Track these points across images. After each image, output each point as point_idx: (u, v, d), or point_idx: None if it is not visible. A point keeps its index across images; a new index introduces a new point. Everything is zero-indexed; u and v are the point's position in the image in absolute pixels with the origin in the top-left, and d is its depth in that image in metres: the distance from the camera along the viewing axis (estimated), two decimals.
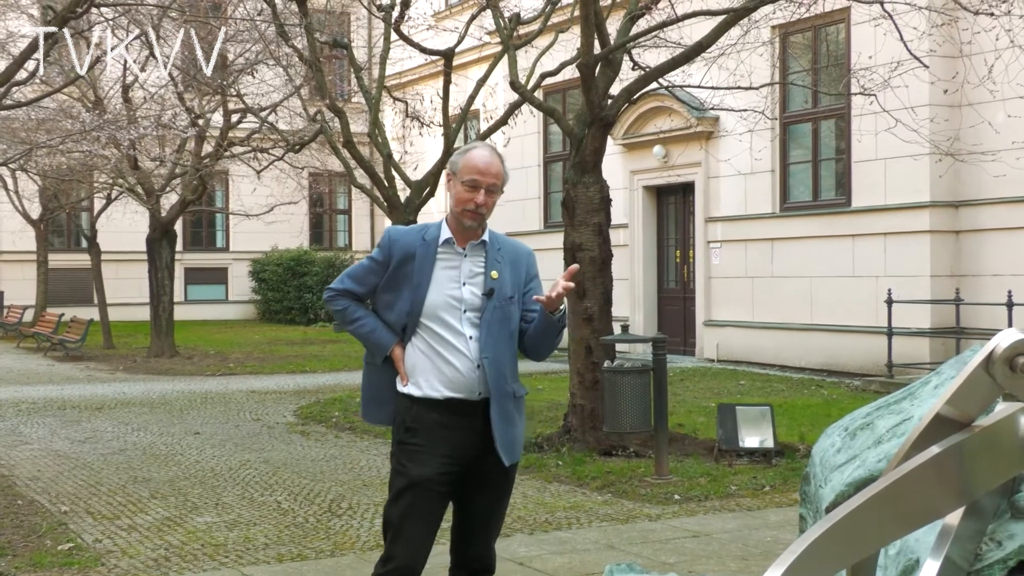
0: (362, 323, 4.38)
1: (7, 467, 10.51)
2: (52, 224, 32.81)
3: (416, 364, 4.29)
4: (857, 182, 17.23)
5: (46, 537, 7.71)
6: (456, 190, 4.30)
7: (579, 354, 10.94)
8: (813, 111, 18.23)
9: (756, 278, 18.94)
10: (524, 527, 7.88)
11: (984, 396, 3.38)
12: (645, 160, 20.87)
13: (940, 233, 16.23)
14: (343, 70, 28.15)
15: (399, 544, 4.24)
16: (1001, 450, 3.53)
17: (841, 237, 17.46)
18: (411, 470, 4.23)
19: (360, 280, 4.43)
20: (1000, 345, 3.18)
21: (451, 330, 4.27)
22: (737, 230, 19.34)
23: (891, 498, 3.21)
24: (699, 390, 15.99)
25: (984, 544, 3.93)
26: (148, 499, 9.02)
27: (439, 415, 4.24)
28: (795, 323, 18.16)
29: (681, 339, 20.80)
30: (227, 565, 6.94)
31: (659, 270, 21.43)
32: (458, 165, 4.32)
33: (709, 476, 9.55)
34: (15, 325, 27.78)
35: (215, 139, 21.78)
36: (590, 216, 10.92)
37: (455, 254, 4.32)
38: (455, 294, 4.28)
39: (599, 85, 10.84)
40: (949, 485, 3.38)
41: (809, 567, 3.01)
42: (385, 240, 4.42)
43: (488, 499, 4.38)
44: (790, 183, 18.64)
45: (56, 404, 15.41)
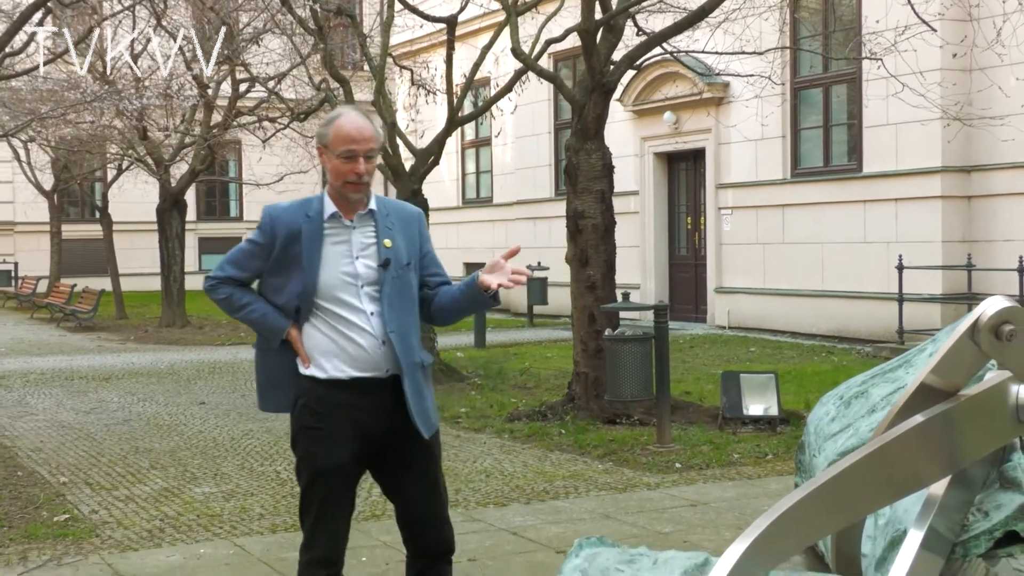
0: (251, 309, 4.15)
1: (10, 438, 10.53)
2: (65, 195, 32.90)
3: (318, 345, 4.08)
4: (868, 147, 17.06)
5: (43, 508, 7.71)
6: (333, 164, 4.04)
7: (583, 322, 10.88)
8: (824, 76, 18.04)
9: (767, 244, 18.81)
10: (521, 496, 7.85)
11: (970, 365, 3.32)
12: (656, 126, 20.72)
13: (952, 198, 16.06)
14: (353, 39, 27.99)
15: (319, 534, 4.10)
16: (990, 419, 3.46)
17: (852, 203, 17.30)
18: (321, 457, 4.06)
19: (242, 265, 4.18)
20: (986, 313, 3.11)
21: (350, 308, 4.05)
22: (748, 196, 19.20)
23: (872, 467, 3.16)
24: (708, 357, 15.93)
25: (971, 515, 3.87)
26: (148, 470, 9.02)
27: (346, 396, 4.05)
28: (806, 290, 18.04)
29: (693, 306, 20.71)
30: (220, 536, 6.93)
31: (670, 237, 21.31)
32: (328, 137, 4.05)
33: (712, 444, 9.50)
34: (28, 296, 27.87)
35: (223, 109, 21.72)
36: (592, 183, 10.83)
37: (343, 228, 4.09)
38: (348, 270, 4.06)
39: (601, 51, 10.72)
40: (934, 454, 3.33)
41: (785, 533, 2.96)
42: (266, 220, 4.14)
43: (419, 478, 4.18)
44: (801, 149, 18.47)
45: (64, 375, 15.45)
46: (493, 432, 10.48)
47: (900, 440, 3.14)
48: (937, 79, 14.85)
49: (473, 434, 10.46)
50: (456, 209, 27.93)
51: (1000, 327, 3.04)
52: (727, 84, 18.77)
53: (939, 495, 3.58)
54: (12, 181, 32.46)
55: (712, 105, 19.45)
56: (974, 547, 3.77)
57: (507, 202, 25.50)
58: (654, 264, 21.14)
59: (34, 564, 6.35)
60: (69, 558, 6.46)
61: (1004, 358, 3.10)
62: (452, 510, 7.37)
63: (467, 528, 6.96)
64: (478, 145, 27.40)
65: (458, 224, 27.76)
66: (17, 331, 23.01)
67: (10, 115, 19.39)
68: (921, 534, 3.53)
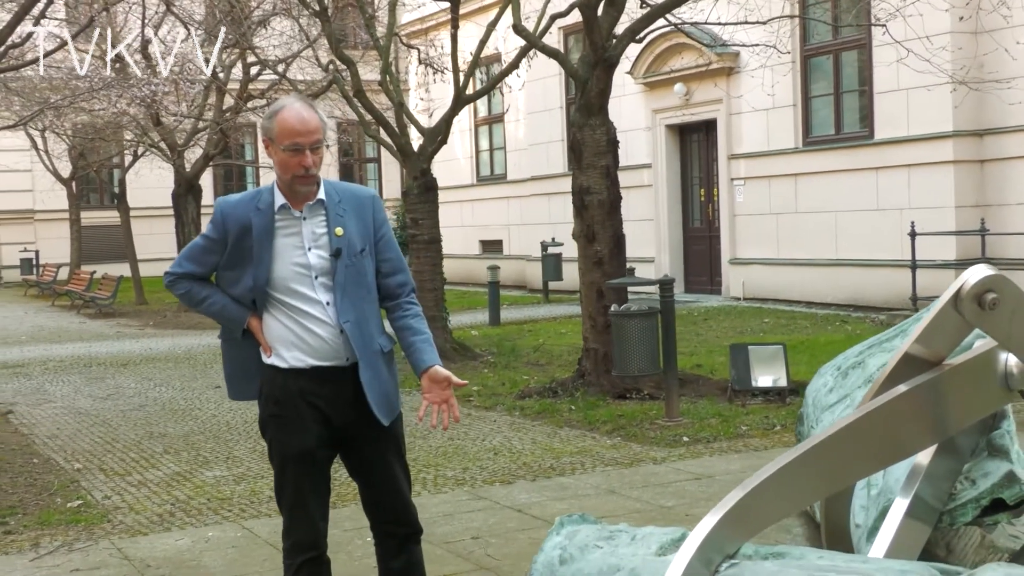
0: (210, 302, 4.18)
1: (28, 426, 10.64)
2: (84, 182, 33.07)
3: (277, 336, 4.10)
4: (879, 114, 16.98)
5: (57, 495, 7.81)
6: (279, 158, 3.99)
7: (591, 298, 10.91)
8: (833, 43, 17.94)
9: (780, 214, 18.77)
10: (528, 473, 7.89)
11: (954, 334, 3.34)
12: (667, 99, 20.66)
13: (964, 163, 15.99)
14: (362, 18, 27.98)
15: (296, 519, 4.14)
16: (977, 387, 3.49)
17: (864, 170, 17.24)
18: (290, 443, 4.10)
19: (198, 261, 4.21)
20: (968, 282, 3.13)
21: (305, 299, 4.06)
22: (760, 166, 19.14)
23: (853, 437, 3.19)
24: (722, 329, 15.93)
25: (959, 483, 3.90)
26: (161, 454, 9.11)
27: (307, 384, 4.07)
28: (820, 259, 18.00)
29: (708, 278, 20.71)
30: (229, 519, 7.01)
31: (684, 209, 21.27)
32: (273, 131, 3.99)
33: (720, 417, 9.53)
34: (49, 284, 28.05)
35: (236, 93, 21.77)
36: (597, 159, 10.83)
37: (293, 219, 4.07)
38: (301, 262, 4.06)
39: (603, 26, 10.70)
40: (918, 423, 3.35)
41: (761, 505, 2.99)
42: (217, 215, 4.14)
43: (379, 461, 4.21)
44: (812, 117, 18.40)
45: (83, 361, 15.59)
46: (504, 410, 10.54)
47: (882, 410, 3.16)
48: (946, 43, 14.76)
49: (484, 412, 10.51)
50: (471, 187, 27.93)
51: (983, 295, 3.05)
52: (737, 54, 18.70)
53: (924, 464, 3.61)
54: (31, 170, 32.62)
55: (722, 75, 19.38)
56: (961, 515, 3.80)
57: (521, 178, 25.50)
58: (668, 237, 21.11)
59: (45, 550, 6.44)
60: (80, 543, 6.55)
61: (987, 326, 3.11)
62: (458, 488, 7.50)
63: (472, 506, 7.03)
64: (491, 122, 27.37)
65: (473, 202, 27.77)
66: (38, 319, 23.19)
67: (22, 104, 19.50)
68: (907, 502, 3.57)
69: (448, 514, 6.87)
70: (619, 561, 3.12)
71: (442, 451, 8.79)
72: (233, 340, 4.23)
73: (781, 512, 3.12)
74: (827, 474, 3.19)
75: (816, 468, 3.15)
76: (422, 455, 8.63)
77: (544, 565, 3.26)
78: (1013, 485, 3.76)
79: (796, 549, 2.95)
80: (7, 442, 9.77)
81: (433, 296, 13.86)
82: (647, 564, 3.03)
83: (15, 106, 20.05)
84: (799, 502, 3.18)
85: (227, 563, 6.09)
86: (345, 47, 24.09)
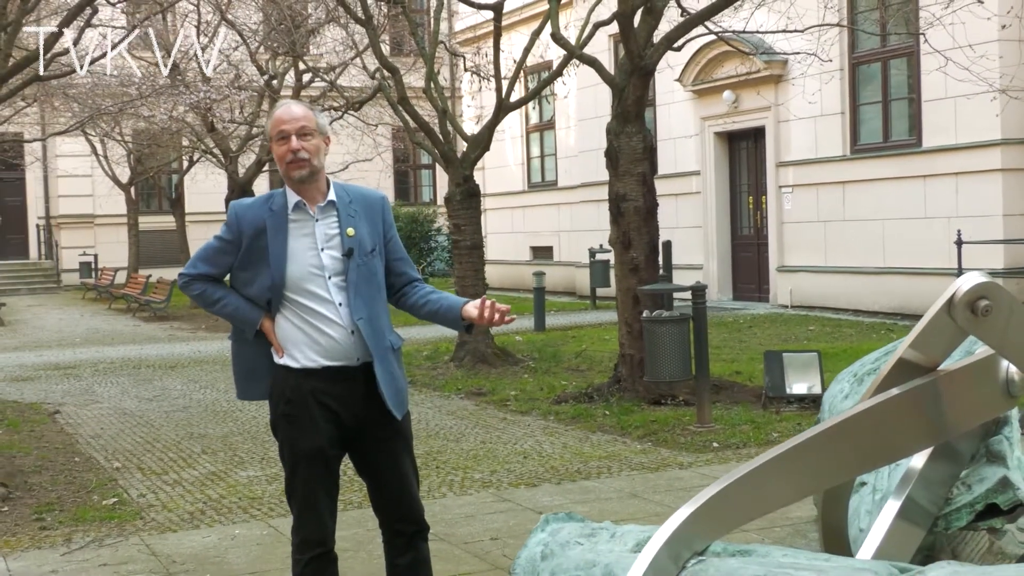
0: (224, 302, 4.25)
1: (73, 425, 10.89)
2: (142, 187, 33.58)
3: (289, 336, 4.19)
4: (927, 122, 16.88)
5: (94, 492, 8.01)
6: (275, 152, 4.19)
7: (627, 304, 10.97)
8: (882, 50, 17.86)
9: (828, 222, 18.70)
10: (554, 477, 7.98)
11: (948, 340, 3.38)
12: (715, 106, 20.66)
13: (1013, 171, 15.86)
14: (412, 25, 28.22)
15: (306, 516, 4.25)
16: (977, 393, 3.52)
17: (912, 178, 17.14)
18: (301, 442, 4.20)
19: (212, 262, 4.28)
20: (961, 288, 3.19)
21: (318, 299, 4.16)
22: (808, 174, 19.08)
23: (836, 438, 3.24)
24: (766, 336, 15.90)
25: (955, 488, 3.94)
26: (199, 454, 9.30)
27: (319, 384, 4.17)
28: (867, 267, 17.92)
29: (756, 285, 20.66)
30: (257, 517, 7.16)
31: (732, 217, 21.24)
32: (267, 129, 4.24)
33: (753, 424, 9.55)
34: (107, 287, 28.53)
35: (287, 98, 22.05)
36: (633, 166, 10.90)
37: (307, 218, 4.18)
38: (315, 262, 4.16)
39: (640, 34, 10.76)
40: (909, 427, 3.40)
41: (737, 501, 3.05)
42: (232, 217, 4.24)
43: (389, 459, 4.30)
44: (860, 125, 18.32)
45: (133, 363, 15.88)
46: (539, 414, 10.63)
47: (868, 413, 3.22)
48: (990, 51, 14.67)
49: (519, 416, 10.61)
50: (522, 193, 28.04)
51: (976, 302, 3.09)
52: (785, 62, 18.66)
53: (918, 468, 3.65)
54: (91, 175, 33.18)
55: (771, 83, 19.35)
56: (956, 520, 3.84)
57: (571, 185, 25.56)
58: (716, 244, 21.10)
59: (76, 545, 6.63)
60: (111, 540, 6.73)
61: (981, 333, 3.15)
62: (484, 491, 7.59)
63: (495, 508, 7.13)
64: (542, 129, 27.48)
65: (524, 208, 27.88)
66: (94, 321, 23.61)
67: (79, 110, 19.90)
68: (898, 504, 3.61)
69: (470, 515, 6.98)
70: (596, 557, 3.20)
71: (472, 454, 8.90)
72: (243, 341, 4.32)
73: (755, 511, 3.15)
74: (806, 475, 3.23)
75: (798, 467, 3.19)
76: (452, 457, 8.75)
77: (527, 560, 3.35)
78: (1007, 490, 3.79)
79: (763, 548, 3.02)
80: (52, 441, 10.02)
81: None
82: (621, 559, 3.10)
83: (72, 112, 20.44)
84: (774, 502, 3.20)
85: (250, 560, 6.24)
86: (399, 54, 24.38)
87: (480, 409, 11.14)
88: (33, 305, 28.20)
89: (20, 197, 35.20)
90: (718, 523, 3.09)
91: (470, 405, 11.41)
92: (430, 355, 14.99)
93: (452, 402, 11.66)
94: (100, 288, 29.36)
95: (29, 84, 10.78)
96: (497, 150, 26.31)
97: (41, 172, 33.86)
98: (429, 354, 15.09)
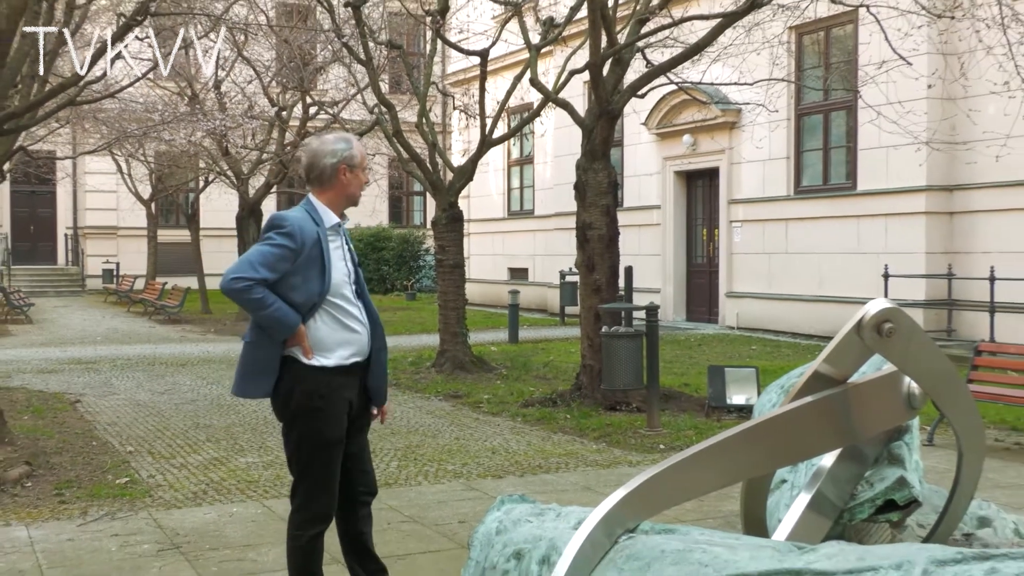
0: (276, 307, 4.19)
1: (92, 414, 10.94)
2: (162, 203, 33.59)
3: (327, 337, 4.28)
4: (862, 168, 17.12)
5: (109, 473, 8.08)
6: (356, 179, 4.41)
7: (589, 320, 11.11)
8: (824, 103, 18.10)
9: (772, 254, 18.91)
10: (518, 470, 8.10)
11: (856, 357, 3.52)
12: (676, 148, 20.86)
13: (935, 214, 16.09)
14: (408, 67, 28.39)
15: (320, 495, 4.37)
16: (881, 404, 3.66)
17: (847, 218, 17.37)
18: (327, 432, 4.31)
19: (273, 267, 4.19)
20: (869, 312, 3.33)
21: (349, 302, 4.35)
22: (756, 211, 19.29)
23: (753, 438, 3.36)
24: (714, 353, 16.05)
25: (860, 486, 4.08)
26: (204, 442, 9.37)
27: (344, 379, 4.32)
28: (806, 295, 18.12)
29: (707, 308, 20.83)
30: (253, 498, 7.25)
31: (688, 247, 21.42)
32: (356, 159, 4.38)
33: (696, 429, 9.68)
34: (126, 292, 28.51)
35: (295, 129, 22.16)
36: (599, 198, 11.05)
37: (337, 234, 4.37)
38: (344, 270, 4.36)
39: (608, 82, 10.94)
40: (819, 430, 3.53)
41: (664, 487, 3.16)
42: (295, 229, 4.22)
43: (363, 438, 4.56)
44: (803, 169, 18.55)
45: (147, 360, 15.92)
46: (508, 416, 10.74)
47: (783, 417, 3.35)
48: (922, 108, 14.92)
49: (491, 417, 10.72)
50: (502, 220, 28.18)
51: (881, 325, 3.23)
52: (738, 111, 18.88)
53: (827, 466, 3.78)
54: (116, 191, 33.17)
55: (725, 129, 19.57)
56: (859, 512, 3.98)
57: (546, 214, 25.72)
58: (673, 270, 21.27)
59: (92, 517, 6.72)
60: (122, 513, 6.82)
61: (885, 352, 3.29)
62: (455, 480, 7.70)
63: (464, 496, 7.24)
64: (522, 163, 27.64)
65: (503, 233, 28.02)
66: (114, 322, 23.59)
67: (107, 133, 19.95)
68: (809, 497, 3.74)
69: (442, 501, 7.09)
70: (543, 532, 3.32)
71: (447, 448, 9.01)
72: (263, 344, 4.29)
73: (679, 497, 3.26)
74: (728, 467, 3.35)
75: (716, 462, 3.30)
76: (429, 451, 8.86)
77: (483, 535, 3.48)
78: (903, 488, 3.93)
79: (685, 527, 3.15)
80: (72, 427, 10.07)
81: (455, 314, 14.11)
82: (562, 534, 3.22)
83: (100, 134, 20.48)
84: (695, 490, 3.31)
85: (245, 534, 6.34)
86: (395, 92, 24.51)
87: (456, 410, 11.24)
88: (59, 306, 28.15)
89: (51, 209, 35.15)
90: (648, 505, 3.20)
91: (447, 406, 11.51)
92: (414, 361, 15.08)
93: (431, 403, 11.77)
94: (120, 293, 29.33)
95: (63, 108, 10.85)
96: (481, 180, 26.49)
97: (71, 187, 33.84)
98: (413, 360, 15.19)
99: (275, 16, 21.96)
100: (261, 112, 21.97)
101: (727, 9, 11.45)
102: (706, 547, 2.86)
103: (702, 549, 2.85)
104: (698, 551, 2.80)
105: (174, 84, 22.06)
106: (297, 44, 19.44)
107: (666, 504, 3.23)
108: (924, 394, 3.39)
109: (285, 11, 23.73)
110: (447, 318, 14.20)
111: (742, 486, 3.62)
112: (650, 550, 2.86)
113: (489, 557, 3.35)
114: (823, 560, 2.67)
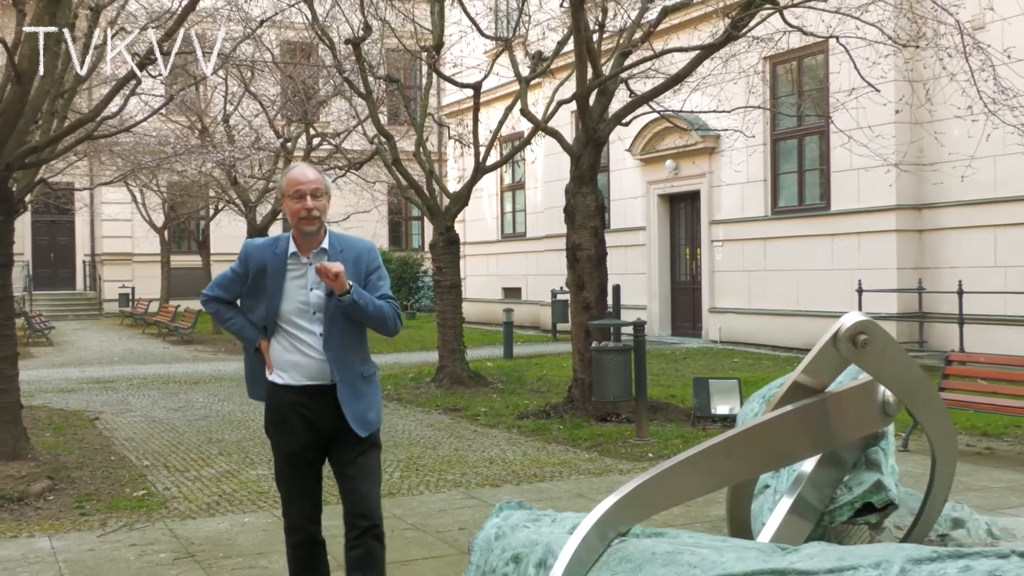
0: (232, 322, 4.36)
1: (110, 429, 10.91)
2: (175, 231, 33.57)
3: (279, 357, 4.26)
4: (835, 189, 17.16)
5: (127, 486, 8.05)
6: (288, 207, 4.20)
7: (579, 336, 11.09)
8: (798, 129, 18.16)
9: (751, 271, 18.93)
10: (514, 479, 8.08)
11: (833, 367, 3.51)
12: (659, 172, 20.90)
13: (905, 232, 16.12)
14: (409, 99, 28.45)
15: (289, 507, 4.33)
16: (857, 412, 3.65)
17: (822, 236, 17.40)
18: (283, 444, 4.28)
19: (225, 288, 4.38)
20: (844, 324, 3.32)
21: (303, 330, 4.21)
22: (736, 231, 19.32)
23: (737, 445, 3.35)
24: (698, 366, 16.04)
25: (839, 489, 4.07)
26: (216, 456, 9.34)
27: (299, 398, 4.23)
28: (784, 310, 18.14)
29: (691, 323, 20.82)
30: (263, 508, 7.22)
31: (672, 265, 21.44)
32: (282, 187, 4.24)
33: (683, 438, 9.67)
34: (141, 315, 28.46)
35: (299, 159, 22.19)
36: (588, 220, 11.06)
37: (300, 264, 4.23)
38: (303, 299, 4.22)
39: (594, 111, 10.97)
40: (799, 438, 3.52)
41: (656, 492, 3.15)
42: (243, 254, 4.32)
43: (354, 463, 4.26)
44: (780, 191, 18.59)
45: (162, 379, 15.87)
46: (505, 428, 10.72)
47: (764, 426, 3.34)
48: (890, 132, 14.97)
49: (488, 429, 10.69)
50: (496, 242, 28.19)
51: (856, 336, 3.23)
52: (718, 137, 18.94)
53: (808, 472, 3.77)
54: (131, 219, 33.16)
55: (705, 154, 19.62)
56: (839, 515, 3.97)
57: (538, 236, 25.74)
58: (658, 288, 21.29)
59: (111, 528, 6.68)
60: (140, 524, 6.79)
61: (860, 362, 3.28)
62: (455, 490, 7.66)
63: (463, 504, 7.22)
64: (514, 188, 27.67)
65: (498, 255, 28.02)
66: (130, 344, 23.54)
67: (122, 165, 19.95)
68: (791, 501, 3.73)
69: (443, 510, 7.06)
70: (539, 537, 3.31)
71: (447, 459, 8.98)
72: (250, 352, 4.40)
73: (667, 502, 3.24)
74: (713, 474, 3.33)
75: (702, 469, 3.29)
76: (430, 462, 8.83)
77: (483, 540, 3.46)
78: (880, 492, 3.92)
79: (674, 531, 3.14)
80: (91, 443, 10.03)
81: (453, 332, 14.09)
82: (558, 539, 3.21)
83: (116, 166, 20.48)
84: (683, 496, 3.30)
85: (256, 543, 6.31)
86: (394, 123, 24.56)
87: (455, 422, 11.22)
88: (78, 329, 28.08)
89: (69, 237, 35.12)
90: (638, 510, 3.19)
91: (446, 419, 11.49)
92: (415, 376, 15.06)
93: (431, 416, 11.74)
94: (136, 315, 29.27)
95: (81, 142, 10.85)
96: (476, 205, 26.53)
97: (88, 216, 33.82)
98: (414, 376, 15.16)
99: (280, 53, 22.02)
100: (267, 143, 22.00)
101: (705, 42, 11.50)
102: (694, 549, 2.86)
103: (691, 551, 2.85)
104: (687, 553, 2.79)
105: (185, 118, 22.09)
106: (301, 79, 19.47)
107: (655, 509, 3.23)
108: (898, 402, 3.39)
109: (289, 48, 23.80)
110: (445, 336, 14.18)
111: (727, 491, 3.61)
112: (641, 552, 2.85)
113: (489, 561, 3.34)
114: (805, 560, 2.67)
